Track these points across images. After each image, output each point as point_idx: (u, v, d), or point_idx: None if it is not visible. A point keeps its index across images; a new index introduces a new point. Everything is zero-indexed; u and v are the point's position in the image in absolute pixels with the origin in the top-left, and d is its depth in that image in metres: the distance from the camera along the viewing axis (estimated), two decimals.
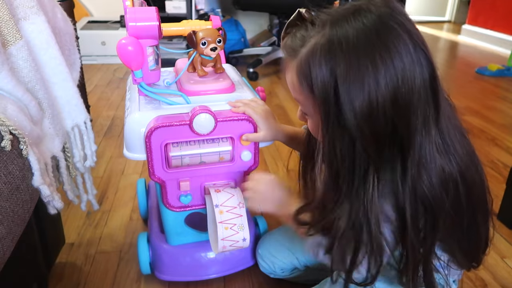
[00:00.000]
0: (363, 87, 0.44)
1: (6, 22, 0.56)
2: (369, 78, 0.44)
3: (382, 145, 0.47)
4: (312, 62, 0.46)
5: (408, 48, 0.45)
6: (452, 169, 0.49)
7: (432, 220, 0.50)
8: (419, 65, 0.45)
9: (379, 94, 0.44)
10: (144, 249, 0.81)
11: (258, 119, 0.67)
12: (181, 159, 0.67)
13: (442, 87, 0.48)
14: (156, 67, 0.67)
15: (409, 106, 0.46)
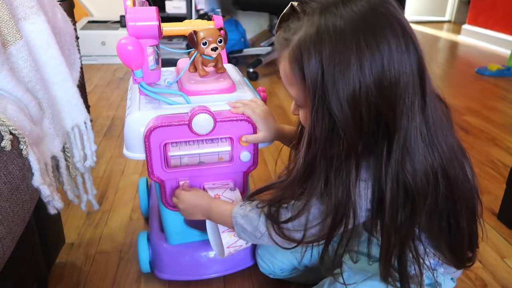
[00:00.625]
0: (348, 71, 0.45)
1: (6, 22, 0.55)
2: (354, 61, 0.45)
3: (365, 129, 0.48)
4: (303, 49, 0.47)
5: (397, 34, 0.46)
6: (434, 160, 0.50)
7: (410, 208, 0.51)
8: (407, 52, 0.46)
9: (362, 77, 0.45)
10: (144, 247, 0.81)
11: (257, 119, 0.67)
12: (180, 159, 0.67)
13: (430, 78, 0.49)
14: (156, 67, 0.67)
15: (395, 90, 0.46)
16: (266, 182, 1.19)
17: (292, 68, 0.50)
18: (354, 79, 0.45)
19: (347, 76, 0.45)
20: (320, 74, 0.46)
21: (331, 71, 0.46)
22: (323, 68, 0.46)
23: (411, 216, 0.51)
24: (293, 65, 0.50)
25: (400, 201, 0.50)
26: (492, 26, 2.95)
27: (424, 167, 0.50)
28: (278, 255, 0.78)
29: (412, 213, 0.51)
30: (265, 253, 0.79)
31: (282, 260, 0.78)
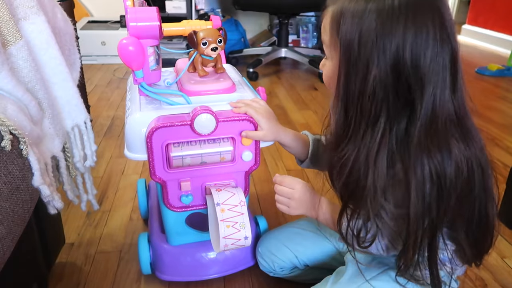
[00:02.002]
0: (394, 37, 0.48)
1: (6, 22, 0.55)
2: (400, 32, 0.48)
3: (399, 94, 0.50)
4: (345, 14, 0.50)
5: (434, 25, 0.49)
6: (467, 149, 0.52)
7: (436, 193, 0.51)
8: (441, 44, 0.49)
9: (402, 50, 0.48)
10: (144, 249, 0.81)
11: (259, 119, 0.67)
12: (182, 159, 0.67)
13: (462, 75, 0.53)
14: (156, 67, 0.67)
15: (426, 75, 0.49)
16: (266, 182, 1.20)
17: (332, 24, 0.53)
18: (398, 47, 0.48)
19: (391, 41, 0.48)
20: (357, 39, 0.49)
21: (379, 31, 0.48)
22: (361, 35, 0.49)
23: (440, 198, 0.52)
24: (333, 15, 0.52)
25: (428, 187, 0.51)
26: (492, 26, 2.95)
27: (457, 154, 0.51)
28: (278, 254, 0.78)
29: (441, 196, 0.52)
30: (266, 251, 0.79)
31: (283, 258, 0.78)
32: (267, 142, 0.72)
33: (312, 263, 0.78)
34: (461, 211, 0.54)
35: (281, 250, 0.78)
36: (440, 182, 0.50)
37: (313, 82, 2.14)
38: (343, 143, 0.54)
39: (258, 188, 1.17)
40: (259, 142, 0.70)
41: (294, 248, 0.78)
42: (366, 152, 0.52)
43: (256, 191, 1.16)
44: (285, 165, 1.30)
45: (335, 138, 0.57)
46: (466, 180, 0.52)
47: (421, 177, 0.50)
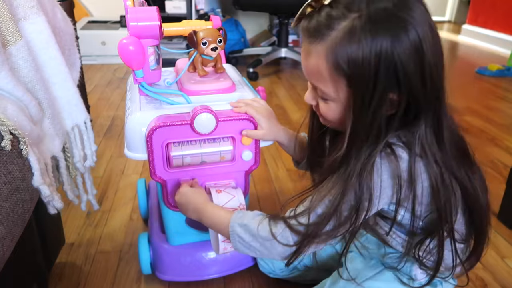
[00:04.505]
0: (409, 50, 0.46)
1: (6, 22, 0.55)
2: (412, 43, 0.46)
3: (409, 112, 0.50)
4: (349, 44, 0.46)
5: (428, 15, 0.49)
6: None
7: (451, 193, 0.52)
8: (437, 31, 0.49)
9: (424, 54, 0.47)
10: (144, 249, 0.81)
11: (260, 118, 0.67)
12: (182, 159, 0.67)
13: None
14: (157, 67, 0.67)
15: (439, 67, 0.49)
16: (266, 182, 1.20)
17: (330, 64, 0.49)
18: (416, 63, 0.47)
19: (409, 59, 0.47)
20: (374, 67, 0.47)
21: (397, 57, 0.46)
22: (381, 59, 0.46)
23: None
24: (333, 60, 0.48)
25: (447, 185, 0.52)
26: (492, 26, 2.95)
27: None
28: None
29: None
30: None
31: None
32: (267, 141, 0.72)
33: (312, 264, 0.78)
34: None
35: None
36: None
37: None
38: (343, 165, 0.53)
39: (258, 188, 1.17)
40: (259, 141, 0.71)
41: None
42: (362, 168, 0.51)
43: (256, 191, 1.16)
44: (285, 165, 1.30)
45: (331, 164, 0.55)
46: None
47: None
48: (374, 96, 0.48)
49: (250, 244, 0.58)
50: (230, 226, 0.60)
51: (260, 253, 0.58)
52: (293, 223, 0.55)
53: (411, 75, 0.47)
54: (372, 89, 0.48)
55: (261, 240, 0.57)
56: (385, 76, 0.47)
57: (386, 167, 0.51)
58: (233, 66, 0.90)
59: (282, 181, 1.21)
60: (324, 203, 0.53)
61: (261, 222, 0.58)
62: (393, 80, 0.47)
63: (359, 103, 0.49)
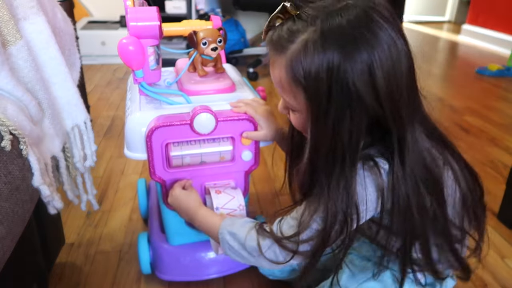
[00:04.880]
0: (360, 70, 0.45)
1: (6, 22, 0.55)
2: (363, 63, 0.45)
3: (372, 128, 0.50)
4: (304, 57, 0.46)
5: (393, 38, 0.47)
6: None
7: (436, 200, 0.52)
8: (403, 54, 0.48)
9: (375, 77, 0.46)
10: (144, 249, 0.81)
11: (259, 118, 0.67)
12: (182, 159, 0.67)
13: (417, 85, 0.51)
14: (156, 67, 0.67)
15: (397, 89, 0.48)
16: (266, 182, 1.19)
17: (290, 76, 0.49)
18: (365, 78, 0.46)
19: (360, 77, 0.46)
20: (327, 82, 0.46)
21: (343, 73, 0.45)
22: (332, 74, 0.46)
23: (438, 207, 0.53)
24: (291, 73, 0.49)
25: (424, 194, 0.51)
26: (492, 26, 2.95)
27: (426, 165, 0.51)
28: None
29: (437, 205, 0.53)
30: None
31: None
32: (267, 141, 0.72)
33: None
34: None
35: None
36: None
37: None
38: (310, 183, 0.54)
39: (258, 188, 1.17)
40: (259, 141, 0.71)
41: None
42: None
43: (256, 191, 1.16)
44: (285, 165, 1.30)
45: (302, 178, 0.55)
46: None
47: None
48: (329, 110, 0.47)
49: (239, 252, 0.59)
50: (219, 233, 0.60)
51: (249, 262, 0.60)
52: (283, 241, 0.55)
53: (364, 96, 0.46)
54: (326, 103, 0.47)
55: (249, 250, 0.58)
56: (338, 92, 0.46)
57: (370, 180, 0.51)
58: (233, 66, 0.90)
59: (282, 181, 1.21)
60: (313, 223, 0.53)
61: (249, 232, 0.58)
62: (347, 98, 0.46)
63: (315, 116, 0.49)
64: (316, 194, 0.52)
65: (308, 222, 0.53)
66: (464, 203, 0.56)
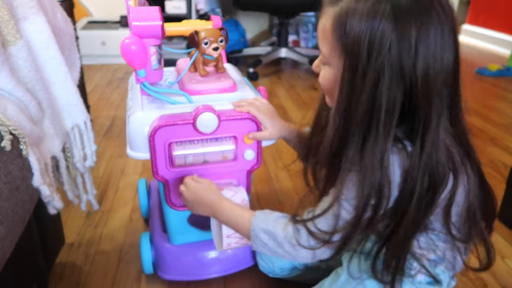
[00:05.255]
0: (405, 46, 0.46)
1: (6, 22, 0.55)
2: (411, 40, 0.46)
3: (406, 107, 0.49)
4: (353, 14, 0.47)
5: (443, 28, 0.47)
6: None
7: (431, 197, 0.51)
8: (449, 46, 0.48)
9: (417, 58, 0.46)
10: (147, 249, 0.81)
11: (263, 118, 0.67)
12: (185, 158, 0.67)
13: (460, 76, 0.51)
14: (159, 67, 0.67)
15: (436, 78, 0.48)
16: (266, 182, 1.20)
17: (334, 28, 0.49)
18: (415, 54, 0.46)
19: (409, 47, 0.46)
20: (367, 45, 0.46)
21: (395, 36, 0.46)
22: (374, 41, 0.46)
23: (429, 206, 0.52)
24: (336, 25, 0.49)
25: (425, 189, 0.51)
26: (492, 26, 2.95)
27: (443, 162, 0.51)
28: None
29: (430, 203, 0.51)
30: None
31: (282, 259, 0.78)
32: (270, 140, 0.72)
33: (312, 264, 0.78)
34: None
35: None
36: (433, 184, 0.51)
37: (313, 82, 2.14)
38: (338, 156, 0.53)
39: (258, 188, 1.17)
40: (261, 141, 0.71)
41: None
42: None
43: (256, 191, 1.16)
44: (285, 165, 1.30)
45: (329, 147, 0.54)
46: None
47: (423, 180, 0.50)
48: (366, 73, 0.47)
49: (273, 249, 0.58)
50: (252, 230, 0.59)
51: (283, 257, 0.59)
52: (315, 232, 0.55)
53: (405, 70, 0.47)
54: (365, 65, 0.47)
55: (287, 248, 0.57)
56: (376, 60, 0.46)
57: (398, 163, 0.50)
58: (234, 66, 0.90)
59: (282, 181, 1.21)
60: (347, 205, 0.52)
61: (285, 229, 0.57)
62: (382, 67, 0.47)
63: (351, 76, 0.49)
64: (344, 174, 0.52)
65: (340, 208, 0.52)
66: (468, 213, 0.55)
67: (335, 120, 0.52)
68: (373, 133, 0.49)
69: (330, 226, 0.54)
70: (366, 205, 0.50)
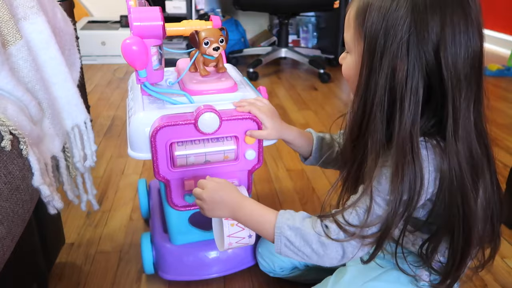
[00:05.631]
0: (427, 35, 0.46)
1: (6, 22, 0.55)
2: (432, 35, 0.46)
3: (425, 95, 0.49)
4: (369, 10, 0.49)
5: (466, 21, 0.47)
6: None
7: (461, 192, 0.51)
8: (474, 41, 0.48)
9: (440, 48, 0.47)
10: (147, 249, 0.81)
11: (263, 118, 0.67)
12: (186, 158, 0.67)
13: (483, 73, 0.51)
14: (159, 67, 0.67)
15: (453, 68, 0.47)
16: (266, 182, 1.20)
17: (357, 16, 0.51)
18: (433, 44, 0.47)
19: (424, 36, 0.47)
20: (383, 34, 0.48)
21: (411, 26, 0.47)
22: (388, 31, 0.47)
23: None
24: (359, 13, 0.51)
25: (470, 182, 0.50)
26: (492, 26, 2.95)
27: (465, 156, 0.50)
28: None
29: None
30: (266, 252, 0.79)
31: (283, 258, 0.78)
32: (270, 140, 0.72)
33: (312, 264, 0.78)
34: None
35: None
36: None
37: (313, 82, 2.14)
38: (358, 139, 0.53)
39: (258, 188, 1.17)
40: (262, 140, 0.71)
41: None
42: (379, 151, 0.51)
43: (256, 191, 1.16)
44: (285, 165, 1.30)
45: (350, 134, 0.55)
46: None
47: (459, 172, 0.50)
48: (384, 54, 0.48)
49: (299, 249, 0.55)
50: (276, 227, 0.55)
51: (309, 258, 0.55)
52: (344, 225, 0.53)
53: (425, 55, 0.47)
54: (383, 51, 0.48)
55: (315, 247, 0.54)
56: (393, 43, 0.47)
57: (432, 159, 0.50)
58: (234, 66, 0.90)
59: (282, 181, 1.21)
60: (380, 200, 0.52)
61: (315, 226, 0.55)
62: (405, 53, 0.47)
63: (368, 63, 0.50)
64: (371, 164, 0.51)
65: (371, 205, 0.51)
66: (485, 213, 0.54)
67: (354, 104, 0.53)
68: (397, 116, 0.49)
69: (361, 221, 0.52)
70: (399, 200, 0.50)
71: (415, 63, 0.47)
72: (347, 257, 0.54)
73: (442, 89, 0.48)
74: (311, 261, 0.56)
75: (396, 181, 0.49)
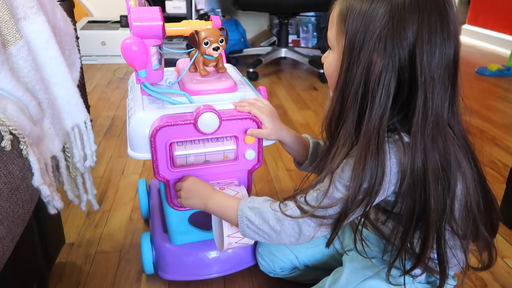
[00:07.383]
0: (404, 34, 0.49)
1: (6, 22, 0.55)
2: (409, 32, 0.48)
3: (399, 91, 0.51)
4: (351, 9, 0.51)
5: (442, 23, 0.49)
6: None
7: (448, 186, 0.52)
8: (446, 41, 0.50)
9: (416, 47, 0.48)
10: (147, 249, 0.81)
11: (263, 118, 0.67)
12: (186, 158, 0.67)
13: (459, 76, 0.53)
14: (159, 67, 0.67)
15: (426, 70, 0.49)
16: (266, 182, 1.20)
17: (339, 13, 0.54)
18: (408, 43, 0.49)
19: (401, 36, 0.49)
20: (363, 34, 0.50)
21: (388, 24, 0.49)
22: (367, 31, 0.50)
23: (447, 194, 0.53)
24: (341, 11, 0.53)
25: (439, 178, 0.52)
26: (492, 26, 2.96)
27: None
28: (278, 254, 0.78)
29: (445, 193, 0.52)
30: (266, 252, 0.80)
31: (282, 258, 0.78)
32: (269, 140, 0.72)
33: (312, 263, 0.78)
34: None
35: (281, 250, 0.78)
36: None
37: (313, 82, 2.14)
38: (335, 132, 0.56)
39: (258, 188, 1.17)
40: (262, 141, 0.71)
41: (294, 248, 0.78)
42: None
43: (256, 191, 1.16)
44: (285, 165, 1.30)
45: (328, 127, 0.58)
46: None
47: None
48: (361, 56, 0.50)
49: (259, 228, 0.58)
50: (239, 209, 0.60)
51: (269, 237, 0.59)
52: (302, 203, 0.56)
53: (399, 52, 0.49)
54: (361, 46, 0.50)
55: (272, 224, 0.57)
56: (371, 38, 0.50)
57: (394, 152, 0.51)
58: (234, 66, 0.90)
59: (282, 181, 1.21)
60: (340, 186, 0.54)
61: (272, 205, 0.59)
62: (382, 48, 0.49)
63: (348, 59, 0.52)
64: (339, 153, 0.54)
65: (330, 188, 0.54)
66: (467, 209, 0.56)
67: (333, 99, 0.55)
68: (368, 108, 0.51)
69: (317, 202, 0.55)
70: (359, 187, 0.52)
71: (390, 59, 0.49)
72: (304, 235, 0.57)
73: (412, 86, 0.50)
74: (271, 240, 0.59)
75: (358, 168, 0.51)
